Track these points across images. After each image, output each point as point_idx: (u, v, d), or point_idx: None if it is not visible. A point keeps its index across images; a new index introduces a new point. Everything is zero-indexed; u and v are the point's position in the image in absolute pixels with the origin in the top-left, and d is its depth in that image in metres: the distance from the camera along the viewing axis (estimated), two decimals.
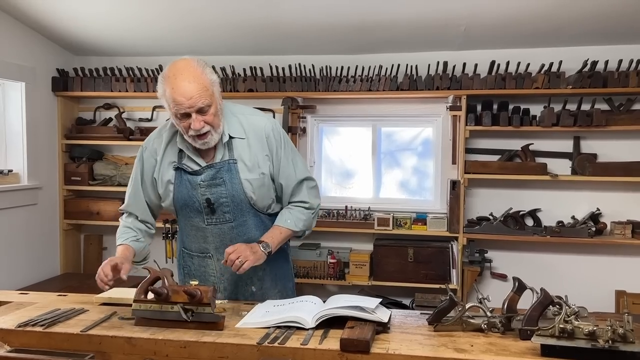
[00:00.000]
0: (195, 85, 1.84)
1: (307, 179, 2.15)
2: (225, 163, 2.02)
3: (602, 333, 1.49)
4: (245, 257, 1.91)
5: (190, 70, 1.86)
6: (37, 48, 3.92)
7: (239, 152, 2.03)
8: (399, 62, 3.78)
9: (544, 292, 1.66)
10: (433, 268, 3.76)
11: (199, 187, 2.02)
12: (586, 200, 3.79)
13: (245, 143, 2.04)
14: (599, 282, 3.76)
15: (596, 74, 3.53)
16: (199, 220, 2.07)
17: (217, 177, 2.01)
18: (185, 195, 2.04)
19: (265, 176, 2.06)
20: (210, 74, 1.91)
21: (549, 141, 3.81)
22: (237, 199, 2.03)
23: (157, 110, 4.23)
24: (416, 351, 1.55)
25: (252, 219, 2.08)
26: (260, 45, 3.92)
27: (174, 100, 1.86)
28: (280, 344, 1.61)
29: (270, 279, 2.17)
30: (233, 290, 2.14)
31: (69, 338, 1.72)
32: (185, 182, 2.03)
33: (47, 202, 4.04)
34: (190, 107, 1.85)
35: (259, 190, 2.05)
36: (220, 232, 2.07)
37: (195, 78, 1.85)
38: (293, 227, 2.10)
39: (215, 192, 2.02)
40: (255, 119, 2.09)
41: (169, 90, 1.86)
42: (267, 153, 2.05)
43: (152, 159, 2.10)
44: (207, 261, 2.13)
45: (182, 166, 2.04)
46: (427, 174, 4.14)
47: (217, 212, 2.04)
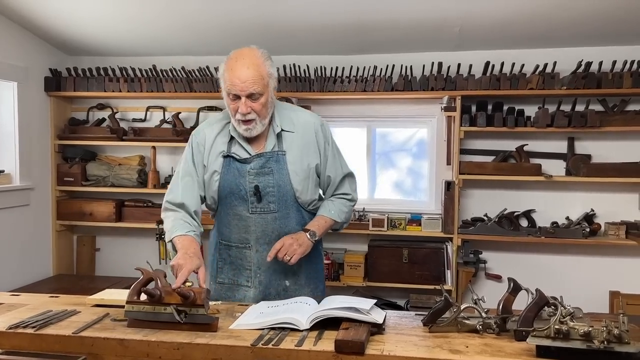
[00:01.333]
0: (252, 72, 1.93)
1: (350, 174, 2.26)
2: (275, 153, 2.08)
3: (598, 334, 1.49)
4: (293, 252, 2.00)
5: (252, 57, 1.98)
6: (29, 48, 3.89)
7: (288, 144, 2.10)
8: (393, 63, 3.78)
9: (539, 293, 1.66)
10: (428, 269, 3.76)
11: (248, 174, 2.07)
12: (580, 201, 3.80)
13: (295, 136, 2.12)
14: (593, 283, 3.77)
15: (590, 75, 3.54)
16: (243, 208, 2.09)
17: (266, 166, 2.07)
18: (232, 183, 2.07)
19: (311, 169, 2.12)
20: (269, 66, 2.01)
21: (544, 142, 3.82)
22: (283, 189, 2.08)
23: (151, 111, 4.21)
24: (411, 352, 1.55)
25: (295, 212, 2.12)
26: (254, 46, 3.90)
27: (229, 80, 1.95)
28: (275, 345, 1.60)
29: (305, 277, 2.19)
30: (267, 284, 2.15)
31: (60, 340, 1.70)
32: (233, 169, 2.08)
33: (40, 202, 4.01)
34: (242, 91, 1.93)
35: (304, 183, 2.11)
36: (263, 222, 2.09)
37: (254, 65, 1.95)
38: (336, 218, 2.17)
39: (262, 181, 2.06)
40: (305, 116, 2.19)
41: (227, 70, 1.97)
42: (315, 148, 2.13)
43: (201, 147, 2.13)
44: (245, 252, 2.14)
45: (231, 154, 2.08)
46: (421, 175, 4.14)
47: (263, 201, 2.07)
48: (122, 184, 4.07)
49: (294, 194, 2.10)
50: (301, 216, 2.15)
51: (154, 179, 4.03)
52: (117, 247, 4.32)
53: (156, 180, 4.04)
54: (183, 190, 2.12)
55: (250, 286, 2.15)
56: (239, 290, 2.17)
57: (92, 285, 3.67)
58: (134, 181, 4.05)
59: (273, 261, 2.06)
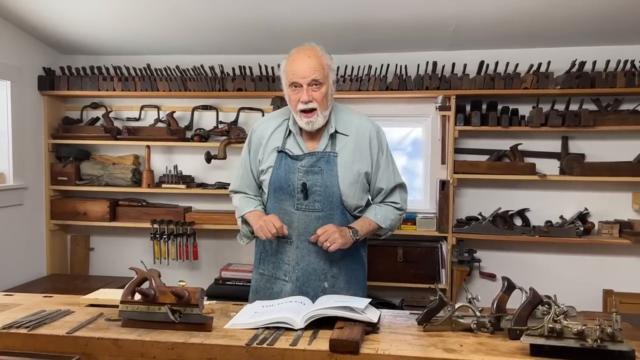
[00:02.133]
0: (313, 60, 2.05)
1: (402, 184, 2.27)
2: (326, 154, 2.13)
3: (591, 332, 1.50)
4: (334, 240, 2.03)
5: (312, 50, 2.08)
6: (23, 47, 3.87)
7: (341, 146, 2.15)
8: (388, 62, 3.78)
9: (533, 292, 1.67)
10: (422, 268, 3.76)
11: (298, 171, 2.13)
12: (574, 200, 3.81)
13: (348, 140, 2.16)
14: (587, 282, 3.78)
15: (584, 74, 3.55)
16: (289, 204, 2.15)
17: (316, 165, 2.13)
18: (282, 178, 2.14)
19: (360, 175, 2.15)
20: (329, 60, 2.11)
21: (538, 141, 3.83)
22: (330, 190, 2.12)
23: (145, 110, 4.19)
24: (405, 351, 1.55)
25: (339, 214, 2.15)
26: (250, 45, 3.90)
27: (291, 70, 2.06)
28: (269, 345, 1.60)
29: (344, 280, 2.20)
30: (305, 282, 2.16)
31: (54, 340, 1.69)
32: (284, 165, 2.15)
33: (33, 202, 3.99)
34: (304, 77, 2.03)
35: (352, 187, 2.14)
36: (307, 220, 2.13)
37: (315, 56, 2.06)
38: (381, 223, 2.20)
39: (311, 179, 2.12)
40: (361, 121, 2.22)
41: (289, 62, 2.08)
42: (367, 155, 2.17)
43: (259, 141, 2.24)
44: (286, 247, 2.18)
45: (284, 150, 2.16)
46: (416, 174, 4.14)
47: (309, 199, 2.12)
48: (116, 183, 4.06)
49: (341, 196, 2.13)
50: (345, 219, 2.16)
51: (148, 179, 4.02)
52: (111, 246, 4.30)
53: (150, 179, 4.03)
54: (241, 181, 2.31)
55: (288, 281, 2.18)
56: (276, 283, 2.21)
57: (86, 285, 3.66)
58: (128, 180, 4.04)
59: (312, 258, 2.14)
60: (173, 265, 4.00)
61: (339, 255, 2.14)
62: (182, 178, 4.04)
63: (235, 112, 4.05)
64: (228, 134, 3.94)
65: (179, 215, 3.97)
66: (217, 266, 3.94)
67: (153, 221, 3.92)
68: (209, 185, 4.07)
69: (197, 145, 3.97)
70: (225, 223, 3.90)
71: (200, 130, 4.03)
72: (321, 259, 2.15)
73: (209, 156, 3.88)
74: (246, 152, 2.30)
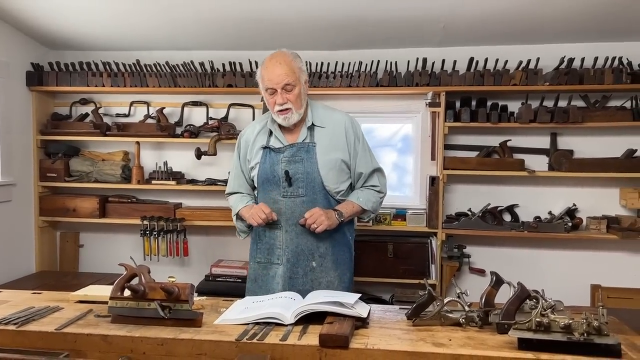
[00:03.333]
0: (283, 67, 2.27)
1: (379, 169, 2.51)
2: (305, 144, 2.37)
3: (578, 326, 1.52)
4: (321, 222, 2.25)
5: (283, 57, 2.31)
6: (10, 42, 3.83)
7: (319, 137, 2.38)
8: (378, 59, 3.78)
9: (521, 287, 1.68)
10: (412, 263, 3.77)
11: (280, 162, 2.35)
12: (563, 195, 3.84)
13: (325, 131, 2.39)
14: (574, 277, 3.81)
15: (573, 71, 3.57)
16: (276, 193, 2.37)
17: (297, 155, 2.35)
18: (267, 170, 2.37)
19: (338, 161, 2.37)
20: (299, 63, 2.34)
21: (527, 137, 3.85)
22: (311, 176, 2.33)
23: (135, 106, 4.17)
24: (395, 346, 1.57)
25: (322, 198, 2.36)
26: (240, 41, 3.89)
27: (265, 77, 2.30)
28: (259, 340, 1.61)
29: (332, 261, 2.39)
30: (295, 263, 2.36)
31: (43, 337, 1.69)
32: (269, 159, 2.38)
33: (22, 198, 3.95)
34: (277, 83, 2.27)
35: (330, 172, 2.35)
36: (292, 205, 2.34)
37: (285, 62, 2.29)
38: (363, 205, 2.42)
39: (293, 168, 2.34)
40: (337, 114, 2.47)
41: (263, 70, 2.33)
42: (344, 143, 2.39)
43: (246, 143, 2.49)
44: (276, 233, 2.39)
45: (269, 145, 2.39)
46: (406, 170, 4.15)
47: (293, 186, 2.34)
48: (105, 179, 4.03)
49: (322, 181, 2.34)
50: (328, 202, 2.37)
51: (138, 175, 3.99)
52: (101, 243, 4.28)
53: (140, 176, 4.01)
54: (234, 182, 2.55)
55: (280, 263, 2.37)
56: (271, 267, 2.41)
57: (76, 281, 3.64)
58: (118, 177, 4.01)
59: (300, 240, 2.34)
60: (163, 262, 3.99)
61: (325, 236, 2.34)
62: (172, 174, 4.02)
63: (225, 108, 4.04)
64: (218, 130, 3.93)
65: (169, 212, 3.96)
66: (208, 262, 3.94)
67: (143, 218, 3.90)
68: (199, 182, 4.06)
69: (187, 141, 3.95)
70: (216, 219, 3.89)
71: (190, 126, 4.01)
72: (309, 240, 2.35)
73: (199, 152, 3.87)
74: (236, 155, 2.54)
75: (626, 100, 3.67)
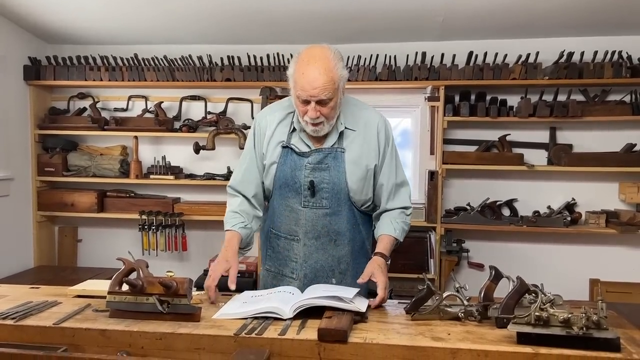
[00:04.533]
0: (324, 78, 1.89)
1: (405, 183, 2.20)
2: (334, 150, 2.06)
3: (577, 320, 1.51)
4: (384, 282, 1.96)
5: (324, 61, 1.91)
6: (7, 36, 3.80)
7: (349, 142, 2.08)
8: (377, 53, 3.76)
9: (520, 281, 1.67)
10: (411, 258, 3.76)
11: (304, 168, 2.06)
12: (562, 190, 3.83)
13: (356, 135, 2.08)
14: (573, 271, 3.81)
15: (572, 65, 3.56)
16: (295, 201, 2.09)
17: (324, 162, 2.06)
18: (287, 175, 2.07)
19: (369, 170, 2.09)
20: (341, 69, 1.95)
21: (526, 132, 3.84)
22: (338, 187, 2.06)
23: (133, 100, 4.15)
24: (393, 340, 1.56)
25: (347, 211, 2.10)
26: (238, 35, 3.87)
27: (300, 85, 1.92)
28: (258, 334, 1.60)
29: (352, 276, 2.12)
30: (313, 279, 2.11)
31: (41, 331, 1.68)
32: (290, 161, 2.07)
33: (20, 193, 3.94)
34: (313, 97, 1.91)
35: (360, 182, 2.08)
36: (314, 217, 2.08)
37: (327, 70, 1.89)
38: (399, 237, 2.17)
39: (318, 176, 2.05)
40: (369, 114, 2.14)
41: (298, 74, 1.92)
42: (375, 148, 2.10)
43: (262, 133, 2.14)
44: (293, 244, 2.13)
45: (290, 145, 2.08)
46: (405, 165, 4.12)
47: (316, 196, 2.06)
48: (104, 174, 4.02)
49: (348, 192, 2.07)
50: (353, 215, 2.12)
51: (136, 169, 3.98)
52: (99, 238, 4.27)
53: (138, 170, 4.00)
54: (243, 176, 2.17)
55: (295, 278, 2.13)
56: (283, 280, 2.17)
57: (74, 276, 3.63)
58: (116, 171, 4.00)
59: (319, 256, 2.10)
60: (162, 257, 3.99)
61: (347, 251, 2.13)
62: (171, 169, 4.01)
63: (224, 102, 4.02)
64: (217, 125, 3.92)
65: (167, 206, 3.95)
66: (206, 257, 3.93)
67: (141, 212, 3.89)
68: (198, 176, 4.05)
69: (186, 135, 3.94)
70: (214, 214, 3.88)
71: (189, 120, 3.99)
72: (329, 256, 2.11)
73: (198, 147, 3.86)
74: (251, 144, 2.18)
75: (626, 94, 3.66)
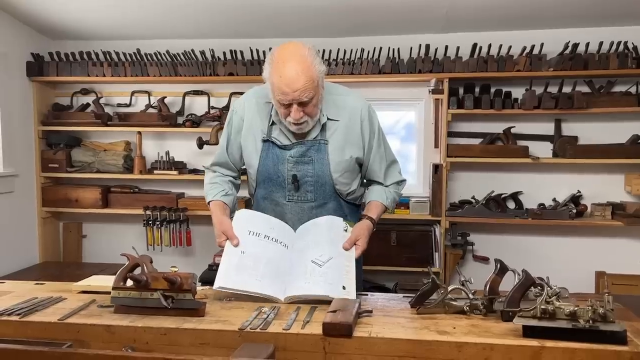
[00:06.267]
0: (302, 78, 1.81)
1: (395, 161, 2.18)
2: (317, 142, 2.02)
3: (583, 313, 1.50)
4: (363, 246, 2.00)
5: (300, 60, 1.83)
6: (10, 32, 3.79)
7: (331, 133, 2.03)
8: (381, 45, 3.74)
9: (526, 274, 1.66)
10: (416, 252, 3.76)
11: (287, 162, 2.02)
12: (567, 182, 3.81)
13: (339, 125, 2.03)
14: (579, 263, 3.79)
15: (577, 56, 3.53)
16: (279, 195, 2.07)
17: (306, 154, 2.02)
18: (270, 169, 2.04)
19: (352, 160, 2.06)
20: (319, 64, 1.88)
21: (531, 124, 3.82)
22: (322, 179, 2.03)
23: (136, 96, 4.14)
24: (399, 334, 1.55)
25: (333, 202, 2.08)
26: (241, 29, 3.85)
27: (279, 89, 1.85)
28: (262, 329, 1.59)
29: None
30: None
31: (46, 327, 1.68)
32: (272, 155, 2.03)
33: (24, 189, 3.94)
34: (294, 100, 1.84)
35: (344, 174, 2.05)
36: (300, 211, 2.05)
37: (304, 70, 1.82)
38: (389, 206, 2.16)
39: (301, 170, 2.02)
40: (352, 100, 2.08)
41: (275, 77, 1.85)
42: (359, 138, 2.05)
43: (240, 122, 2.09)
44: None
45: (271, 139, 2.03)
46: (409, 158, 4.13)
47: (301, 190, 2.03)
48: (107, 170, 4.02)
49: (333, 184, 2.05)
50: (339, 205, 2.10)
51: (140, 165, 3.98)
52: (104, 233, 4.28)
53: (142, 166, 3.99)
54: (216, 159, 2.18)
55: None
56: None
57: (79, 272, 3.64)
58: (120, 167, 4.00)
59: None
60: (167, 252, 3.99)
61: None
62: (174, 164, 4.01)
63: (227, 97, 4.01)
64: (220, 119, 3.91)
65: (171, 202, 3.95)
66: (211, 252, 3.92)
67: (145, 208, 3.89)
68: (201, 171, 4.02)
69: (189, 130, 3.94)
70: None
71: (192, 115, 3.98)
72: None
73: (201, 142, 3.85)
74: (226, 133, 2.15)
75: (631, 85, 3.63)
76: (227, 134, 2.15)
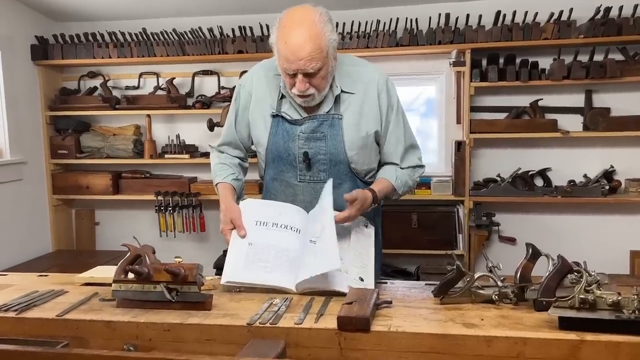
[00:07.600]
0: (309, 46, 1.69)
1: (415, 145, 2.03)
2: (330, 117, 1.88)
3: (628, 303, 1.39)
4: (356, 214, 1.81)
5: (309, 26, 1.71)
6: (13, 15, 3.72)
7: (346, 106, 1.89)
8: (397, 16, 3.62)
9: (562, 260, 1.54)
10: (438, 234, 3.70)
11: (298, 138, 1.89)
12: (599, 157, 3.70)
13: (355, 98, 1.90)
14: (613, 243, 3.69)
15: (610, 21, 3.39)
16: (291, 175, 1.94)
17: (319, 130, 1.88)
18: (280, 147, 1.91)
19: (370, 136, 1.91)
20: (330, 32, 1.75)
21: (559, 96, 3.70)
22: (336, 157, 1.89)
23: (144, 77, 4.07)
24: (421, 327, 1.45)
25: (349, 183, 1.93)
26: (249, 4, 3.73)
27: (283, 56, 1.73)
28: (273, 324, 1.51)
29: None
30: None
31: (43, 324, 1.60)
32: (282, 131, 1.90)
33: (34, 177, 3.90)
34: (299, 69, 1.72)
35: (361, 152, 1.91)
36: (312, 192, 1.91)
37: (312, 37, 1.70)
38: (398, 189, 1.96)
39: (313, 147, 1.88)
40: (368, 72, 1.94)
41: (281, 43, 1.73)
42: (377, 112, 1.91)
43: (248, 97, 1.98)
44: None
45: (280, 113, 1.90)
46: (430, 135, 4.04)
47: (313, 169, 1.90)
48: (117, 155, 3.97)
49: (349, 163, 1.91)
50: (355, 187, 1.92)
51: (150, 149, 3.92)
52: (117, 220, 4.25)
53: (153, 150, 3.93)
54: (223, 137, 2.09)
55: None
56: None
57: (93, 260, 3.58)
58: (130, 152, 3.95)
59: None
60: (180, 238, 3.94)
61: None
62: (185, 147, 3.94)
63: (237, 76, 3.90)
64: (231, 100, 3.80)
65: (183, 186, 3.89)
66: None
67: (157, 193, 3.84)
68: None
69: (199, 112, 3.87)
70: None
71: (202, 96, 3.91)
72: None
73: (212, 124, 3.77)
74: (233, 109, 2.04)
75: None
76: (235, 110, 2.03)
